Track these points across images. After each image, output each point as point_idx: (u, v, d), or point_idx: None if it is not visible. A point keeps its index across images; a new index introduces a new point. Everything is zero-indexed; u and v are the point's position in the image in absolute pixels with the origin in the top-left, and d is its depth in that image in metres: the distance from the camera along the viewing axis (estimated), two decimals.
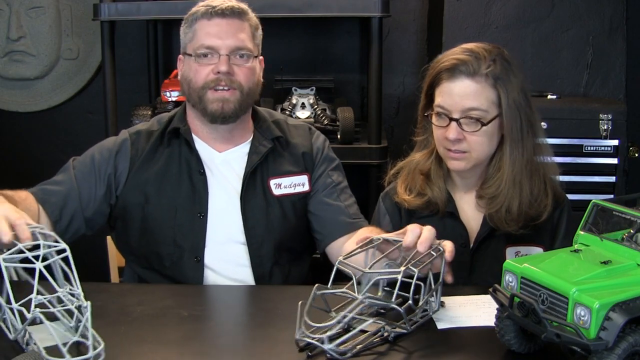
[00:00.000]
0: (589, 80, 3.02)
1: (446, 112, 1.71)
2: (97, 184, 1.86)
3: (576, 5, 2.98)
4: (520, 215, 1.72)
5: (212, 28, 1.83)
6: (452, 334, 1.40)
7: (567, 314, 1.15)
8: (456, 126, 1.70)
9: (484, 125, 1.69)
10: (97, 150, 1.92)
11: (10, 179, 3.56)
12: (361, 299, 1.32)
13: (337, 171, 1.97)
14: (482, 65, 1.69)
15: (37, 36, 3.28)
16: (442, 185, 1.80)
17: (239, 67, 1.83)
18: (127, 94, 3.14)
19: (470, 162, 1.73)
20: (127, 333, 1.34)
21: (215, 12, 1.82)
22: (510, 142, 1.71)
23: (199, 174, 1.86)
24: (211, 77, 1.82)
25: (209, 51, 1.82)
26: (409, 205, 1.81)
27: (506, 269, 1.27)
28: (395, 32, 3.24)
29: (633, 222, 1.25)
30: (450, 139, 1.71)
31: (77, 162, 1.91)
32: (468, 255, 1.78)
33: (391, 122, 3.27)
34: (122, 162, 1.88)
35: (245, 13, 1.86)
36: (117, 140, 1.92)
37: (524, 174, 1.72)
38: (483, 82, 1.69)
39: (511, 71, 1.71)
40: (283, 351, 1.31)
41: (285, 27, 2.97)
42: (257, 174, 1.87)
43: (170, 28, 3.26)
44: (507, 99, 1.69)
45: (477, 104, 1.69)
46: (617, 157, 2.69)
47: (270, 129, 1.93)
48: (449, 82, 1.71)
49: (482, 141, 1.71)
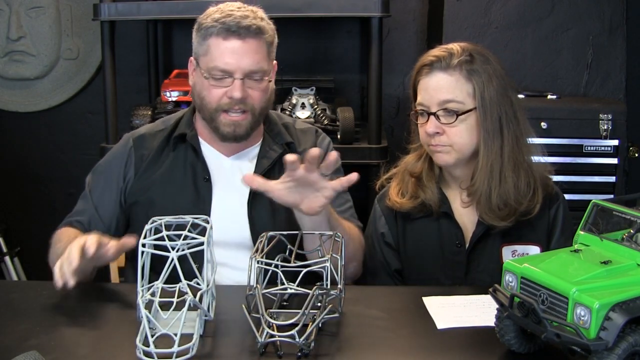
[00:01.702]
0: (589, 80, 3.02)
1: (425, 107, 1.75)
2: (115, 202, 1.88)
3: (576, 5, 2.98)
4: (505, 208, 1.73)
5: (227, 50, 1.77)
6: (452, 334, 1.40)
7: (567, 314, 1.15)
8: (434, 119, 1.73)
9: (459, 116, 1.71)
10: (105, 163, 1.93)
11: (11, 179, 3.58)
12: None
13: (338, 175, 1.96)
14: (454, 59, 1.72)
15: (37, 36, 3.28)
16: (435, 187, 1.81)
17: (253, 89, 1.80)
18: (127, 94, 3.14)
19: (453, 155, 1.75)
20: (128, 333, 1.34)
21: (232, 31, 1.76)
22: (484, 134, 1.72)
23: (203, 180, 1.85)
24: (225, 100, 1.79)
25: (223, 75, 1.78)
26: (402, 209, 1.82)
27: (506, 269, 1.27)
28: (395, 32, 3.24)
29: (633, 222, 1.25)
30: (430, 133, 1.73)
31: (93, 185, 1.92)
32: (464, 255, 1.78)
33: (391, 122, 3.27)
34: (129, 171, 1.89)
35: (262, 32, 1.79)
36: (123, 149, 1.92)
37: (505, 165, 1.73)
38: (457, 74, 1.72)
39: (489, 67, 1.74)
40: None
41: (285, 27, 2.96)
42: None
43: (170, 28, 3.26)
44: (481, 92, 1.72)
45: (452, 96, 1.72)
46: (617, 157, 2.69)
47: (281, 134, 1.92)
48: (426, 78, 1.75)
49: (461, 133, 1.73)
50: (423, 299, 1.55)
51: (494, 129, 1.72)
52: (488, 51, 1.79)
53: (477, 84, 1.72)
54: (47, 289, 1.58)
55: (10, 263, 3.17)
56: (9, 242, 3.21)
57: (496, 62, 1.76)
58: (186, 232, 1.37)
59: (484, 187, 1.73)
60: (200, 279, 1.36)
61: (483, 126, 1.72)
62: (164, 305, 1.30)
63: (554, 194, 1.82)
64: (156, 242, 1.34)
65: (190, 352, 1.24)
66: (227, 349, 1.34)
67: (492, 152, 1.72)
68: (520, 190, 1.73)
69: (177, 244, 1.33)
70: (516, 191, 1.73)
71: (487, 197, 1.73)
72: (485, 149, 1.73)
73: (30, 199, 3.42)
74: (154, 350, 1.21)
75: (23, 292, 1.64)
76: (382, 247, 1.87)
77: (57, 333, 1.39)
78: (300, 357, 1.26)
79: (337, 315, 1.38)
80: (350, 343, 1.35)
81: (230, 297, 1.56)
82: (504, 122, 1.73)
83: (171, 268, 1.32)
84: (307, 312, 1.30)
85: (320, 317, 1.32)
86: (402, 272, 1.86)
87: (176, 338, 1.22)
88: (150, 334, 1.24)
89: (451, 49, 1.74)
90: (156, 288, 1.31)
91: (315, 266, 1.41)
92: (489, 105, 1.72)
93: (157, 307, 1.29)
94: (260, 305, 1.30)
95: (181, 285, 1.32)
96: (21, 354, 1.20)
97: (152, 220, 1.40)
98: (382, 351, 1.32)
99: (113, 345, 1.33)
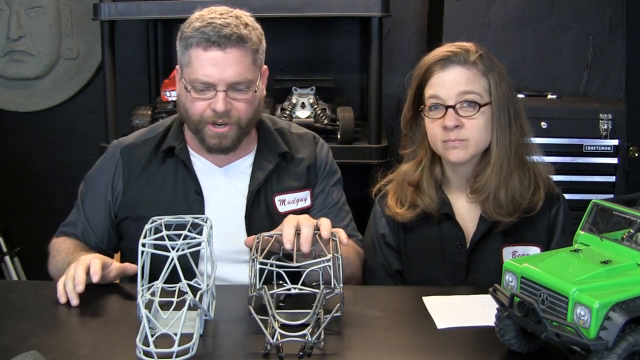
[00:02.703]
0: (589, 80, 3.02)
1: (441, 101, 1.73)
2: (105, 217, 1.87)
3: (576, 5, 2.98)
4: (511, 203, 1.74)
5: (207, 61, 1.70)
6: (452, 334, 1.40)
7: (567, 313, 1.15)
8: (453, 112, 1.72)
9: (481, 107, 1.72)
10: (95, 179, 1.90)
11: (11, 179, 3.58)
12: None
13: (338, 186, 1.95)
14: (471, 55, 1.73)
15: (37, 36, 3.28)
16: (434, 194, 1.80)
17: (237, 101, 1.73)
18: (127, 94, 3.15)
19: (469, 150, 1.74)
20: (128, 333, 1.34)
21: (212, 42, 1.69)
22: (498, 128, 1.73)
23: (195, 194, 1.81)
24: (208, 112, 1.73)
25: (205, 87, 1.72)
26: (402, 219, 1.82)
27: (506, 269, 1.27)
28: (395, 32, 3.24)
29: (633, 222, 1.25)
30: (449, 127, 1.72)
31: (84, 197, 1.91)
32: (464, 256, 1.78)
33: (391, 122, 3.27)
34: (118, 184, 1.86)
35: (244, 40, 1.71)
36: (110, 161, 1.88)
37: (511, 161, 1.74)
38: (474, 69, 1.73)
39: (496, 66, 1.76)
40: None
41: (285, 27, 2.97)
42: (261, 191, 1.84)
43: (170, 28, 3.25)
44: (496, 87, 1.73)
45: (471, 87, 1.72)
46: (617, 157, 2.69)
47: (276, 142, 1.87)
48: (442, 72, 1.74)
49: (480, 127, 1.73)
50: (423, 298, 1.55)
51: (505, 124, 1.74)
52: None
53: (493, 79, 1.73)
54: (47, 289, 1.58)
55: (10, 263, 3.17)
56: (9, 242, 3.21)
57: (498, 63, 1.78)
58: (186, 232, 1.36)
59: (493, 183, 1.73)
60: (200, 278, 1.36)
61: (497, 121, 1.73)
62: (164, 305, 1.30)
63: (555, 194, 1.82)
64: (156, 242, 1.34)
65: (190, 352, 1.24)
66: (227, 349, 1.34)
67: (503, 149, 1.74)
68: (524, 186, 1.75)
69: (177, 244, 1.33)
70: (521, 186, 1.74)
71: (496, 192, 1.73)
72: (497, 145, 1.74)
73: (30, 199, 3.42)
74: (154, 350, 1.21)
75: (23, 292, 1.63)
76: (382, 247, 1.87)
77: (57, 333, 1.39)
78: (302, 356, 1.26)
79: (339, 314, 1.38)
80: (351, 343, 1.35)
81: (231, 297, 1.56)
82: (513, 119, 1.75)
83: (171, 268, 1.32)
84: (318, 311, 1.31)
85: (330, 315, 1.33)
86: (403, 273, 1.86)
87: (176, 338, 1.22)
88: (150, 334, 1.24)
89: (466, 47, 1.75)
90: (156, 288, 1.31)
91: (316, 266, 1.41)
92: (503, 101, 1.74)
93: (157, 307, 1.29)
94: (270, 306, 1.30)
95: (181, 285, 1.32)
96: (21, 354, 1.19)
97: (152, 220, 1.40)
98: (382, 351, 1.32)
99: (113, 345, 1.33)
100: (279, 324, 1.28)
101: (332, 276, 1.38)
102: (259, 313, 1.32)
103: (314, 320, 1.30)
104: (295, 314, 1.36)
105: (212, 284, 1.38)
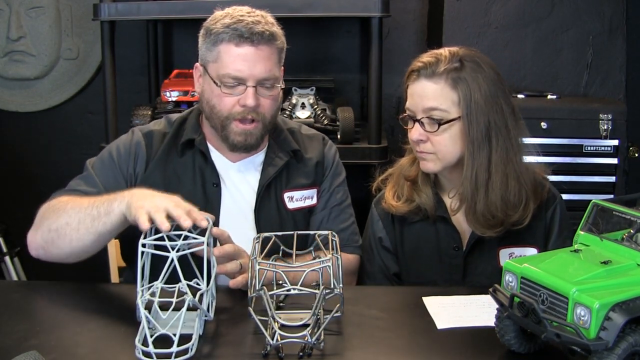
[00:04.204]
0: (589, 80, 3.02)
1: (411, 113, 1.74)
2: (119, 181, 1.81)
3: (576, 5, 2.98)
4: (493, 219, 1.70)
5: (239, 56, 1.73)
6: (452, 334, 1.40)
7: (567, 314, 1.15)
8: (418, 126, 1.72)
9: (441, 125, 1.69)
10: (115, 149, 1.86)
11: (11, 179, 3.58)
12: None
13: (343, 187, 1.95)
14: (440, 66, 1.69)
15: (37, 36, 3.28)
16: (430, 191, 1.80)
17: (264, 97, 1.77)
18: (127, 94, 3.14)
19: (438, 163, 1.73)
20: (127, 333, 1.34)
21: (244, 37, 1.72)
22: (468, 144, 1.69)
23: (212, 186, 1.82)
24: (237, 109, 1.75)
25: (235, 82, 1.74)
26: (397, 212, 1.82)
27: (506, 269, 1.27)
28: (395, 32, 3.24)
29: (633, 222, 1.25)
30: (414, 140, 1.73)
31: (96, 163, 1.85)
32: (461, 258, 1.78)
33: (391, 122, 3.26)
34: (139, 164, 1.84)
35: (274, 38, 1.77)
36: (132, 140, 1.86)
37: (492, 176, 1.69)
38: (442, 83, 1.69)
39: (479, 74, 1.69)
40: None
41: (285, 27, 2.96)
42: (271, 187, 1.85)
43: (170, 28, 3.26)
44: (467, 101, 1.68)
45: (436, 103, 1.69)
46: (617, 157, 2.69)
47: (287, 141, 1.89)
48: (413, 84, 1.73)
49: (445, 142, 1.71)
50: (423, 299, 1.56)
51: (480, 138, 1.68)
52: (483, 56, 1.74)
53: (463, 92, 1.68)
54: (47, 289, 1.58)
55: (10, 263, 3.17)
56: (9, 242, 3.21)
57: (489, 68, 1.71)
58: (186, 232, 1.37)
59: (468, 197, 1.71)
60: (200, 279, 1.36)
61: (468, 136, 1.69)
62: (164, 305, 1.30)
63: (550, 196, 1.80)
64: (156, 242, 1.34)
65: (189, 352, 1.24)
66: (227, 349, 1.34)
67: (477, 162, 1.69)
68: (509, 203, 1.70)
69: (177, 244, 1.33)
70: (503, 203, 1.69)
71: (472, 206, 1.70)
72: (469, 159, 1.69)
73: (30, 199, 3.40)
74: (153, 351, 1.21)
75: (23, 292, 1.63)
76: (380, 251, 1.87)
77: (57, 333, 1.39)
78: (302, 357, 1.26)
79: (339, 314, 1.38)
80: (351, 343, 1.35)
81: (231, 297, 1.56)
82: (493, 131, 1.69)
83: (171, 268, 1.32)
84: (318, 312, 1.31)
85: (330, 316, 1.33)
86: (400, 276, 1.86)
87: (175, 338, 1.22)
88: (150, 334, 1.24)
89: (439, 55, 1.71)
90: (156, 288, 1.31)
91: (316, 267, 1.41)
92: (476, 115, 1.68)
93: (157, 308, 1.29)
94: (270, 307, 1.30)
95: (181, 285, 1.32)
96: (21, 354, 1.20)
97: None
98: (382, 351, 1.32)
99: (113, 345, 1.33)
100: (279, 325, 1.28)
101: (331, 276, 1.38)
102: (259, 314, 1.32)
103: (314, 320, 1.30)
104: (296, 314, 1.36)
105: (212, 285, 1.38)
